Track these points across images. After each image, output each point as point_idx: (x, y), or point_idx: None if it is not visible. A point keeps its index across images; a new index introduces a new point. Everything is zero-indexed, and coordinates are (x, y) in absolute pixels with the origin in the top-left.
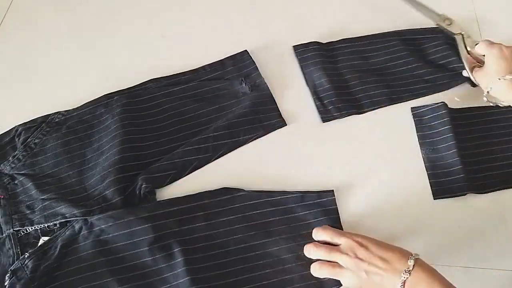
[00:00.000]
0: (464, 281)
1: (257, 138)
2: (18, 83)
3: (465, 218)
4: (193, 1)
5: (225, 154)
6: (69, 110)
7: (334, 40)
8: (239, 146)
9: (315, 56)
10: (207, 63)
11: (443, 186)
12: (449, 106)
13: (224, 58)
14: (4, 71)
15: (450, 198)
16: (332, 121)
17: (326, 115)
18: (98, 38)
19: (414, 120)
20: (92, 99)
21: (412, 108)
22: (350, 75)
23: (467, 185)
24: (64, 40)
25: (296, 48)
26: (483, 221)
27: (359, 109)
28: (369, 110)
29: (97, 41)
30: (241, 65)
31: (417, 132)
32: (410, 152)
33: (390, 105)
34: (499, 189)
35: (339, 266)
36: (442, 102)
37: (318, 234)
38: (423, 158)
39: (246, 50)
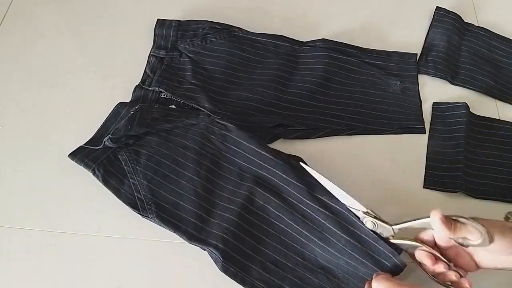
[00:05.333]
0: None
1: (391, 134)
2: (18, 83)
3: None
4: None
5: (354, 135)
6: (249, 31)
7: (475, 24)
8: (369, 134)
9: (450, 24)
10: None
11: (436, 179)
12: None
13: (393, 52)
14: (3, 71)
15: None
16: None
17: (422, 67)
18: (99, 38)
19: (432, 114)
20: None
21: (434, 103)
22: (467, 54)
23: (461, 185)
24: (64, 40)
25: (438, 9)
26: None
27: (453, 80)
28: (461, 86)
29: (98, 40)
30: (404, 65)
31: (430, 125)
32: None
33: (486, 95)
34: (492, 199)
35: None
36: (464, 102)
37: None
38: (427, 149)
39: (416, 54)
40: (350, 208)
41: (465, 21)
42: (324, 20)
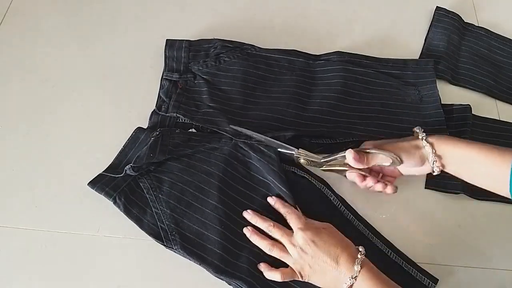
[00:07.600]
0: (464, 281)
1: None
2: (18, 83)
3: (465, 218)
4: None
5: None
6: (261, 48)
7: (475, 24)
8: None
9: (450, 24)
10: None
11: (437, 180)
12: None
13: (409, 60)
14: (3, 71)
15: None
16: None
17: None
18: (98, 37)
19: None
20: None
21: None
22: (467, 54)
23: (462, 186)
24: (64, 40)
25: (438, 9)
26: (483, 221)
27: (454, 79)
28: (462, 86)
29: (97, 40)
30: (421, 73)
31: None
32: None
33: (486, 95)
34: (493, 200)
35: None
36: (467, 104)
37: (276, 204)
38: None
39: (432, 60)
40: (284, 150)
41: (465, 21)
42: (324, 21)
